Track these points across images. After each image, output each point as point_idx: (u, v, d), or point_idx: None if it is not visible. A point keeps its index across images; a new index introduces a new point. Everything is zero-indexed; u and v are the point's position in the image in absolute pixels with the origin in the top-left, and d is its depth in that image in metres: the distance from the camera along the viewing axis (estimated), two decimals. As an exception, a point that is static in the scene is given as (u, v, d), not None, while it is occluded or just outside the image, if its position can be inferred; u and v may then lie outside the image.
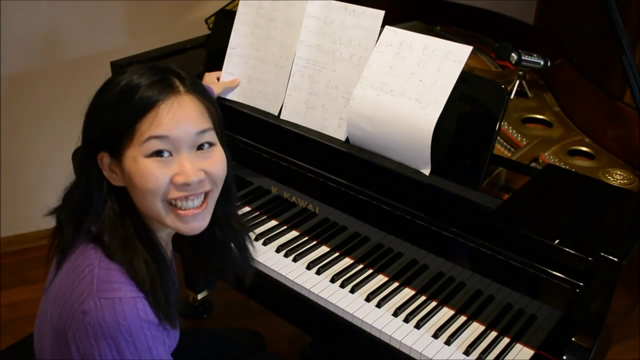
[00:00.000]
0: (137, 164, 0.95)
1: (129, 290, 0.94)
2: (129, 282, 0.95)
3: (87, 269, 0.96)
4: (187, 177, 0.96)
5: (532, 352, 1.21)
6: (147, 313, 0.94)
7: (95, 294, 0.92)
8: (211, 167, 0.99)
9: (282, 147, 1.50)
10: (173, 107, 0.95)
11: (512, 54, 1.62)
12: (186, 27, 2.42)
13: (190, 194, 0.98)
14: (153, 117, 0.93)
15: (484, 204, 1.23)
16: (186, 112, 0.96)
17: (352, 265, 1.43)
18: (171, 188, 0.96)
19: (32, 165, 2.60)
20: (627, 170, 1.46)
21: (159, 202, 0.97)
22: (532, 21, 2.92)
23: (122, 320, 0.91)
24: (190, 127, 0.96)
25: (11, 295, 2.40)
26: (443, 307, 1.31)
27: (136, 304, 0.93)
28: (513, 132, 1.58)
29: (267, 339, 1.65)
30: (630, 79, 1.39)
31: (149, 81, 0.95)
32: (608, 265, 1.07)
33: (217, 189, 1.03)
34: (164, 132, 0.94)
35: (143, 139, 0.93)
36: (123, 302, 0.92)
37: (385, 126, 1.35)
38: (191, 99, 0.97)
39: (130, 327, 0.92)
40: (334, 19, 1.47)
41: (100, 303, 0.92)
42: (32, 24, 2.35)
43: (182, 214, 0.99)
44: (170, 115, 0.94)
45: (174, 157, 0.96)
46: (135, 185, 0.96)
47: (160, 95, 0.94)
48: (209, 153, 1.00)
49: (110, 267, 0.95)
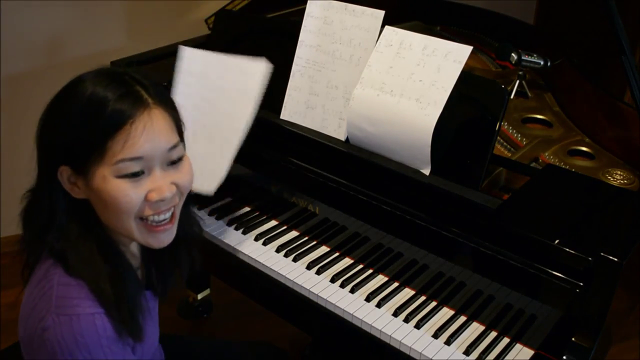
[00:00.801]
0: (108, 184, 0.91)
1: (88, 306, 0.93)
2: (89, 297, 0.93)
3: (47, 285, 0.95)
4: (162, 194, 0.94)
5: (532, 352, 1.21)
6: (105, 329, 0.93)
7: (54, 311, 0.92)
8: (182, 180, 0.98)
9: (282, 147, 1.50)
10: (146, 126, 0.91)
11: (512, 54, 1.62)
12: (186, 27, 2.42)
13: (162, 209, 0.96)
14: (125, 136, 0.90)
15: (484, 204, 1.23)
16: (159, 130, 0.93)
17: (352, 265, 1.43)
18: (145, 205, 0.94)
19: (32, 165, 2.60)
20: (627, 170, 1.46)
21: (132, 221, 0.95)
22: (532, 21, 2.92)
23: (80, 337, 0.91)
24: (162, 144, 0.94)
25: (11, 295, 2.39)
26: (443, 307, 1.31)
27: (94, 320, 0.92)
28: (513, 132, 1.58)
29: (267, 339, 1.65)
30: (630, 79, 1.39)
31: (116, 94, 0.91)
32: (608, 265, 1.07)
33: (183, 199, 1.02)
34: (139, 154, 0.91)
35: (115, 160, 0.90)
36: (81, 318, 0.92)
37: (385, 126, 1.35)
38: (160, 113, 0.94)
39: (88, 344, 0.91)
40: (334, 18, 1.47)
41: (58, 319, 0.91)
42: (32, 24, 2.35)
43: (153, 229, 0.97)
44: (144, 136, 0.91)
45: (147, 175, 0.94)
46: (106, 204, 0.94)
47: (132, 110, 0.91)
48: (179, 166, 0.98)
49: (70, 282, 0.94)
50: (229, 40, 1.70)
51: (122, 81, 0.94)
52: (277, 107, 1.55)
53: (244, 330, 2.31)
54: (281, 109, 1.54)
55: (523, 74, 1.73)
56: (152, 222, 0.97)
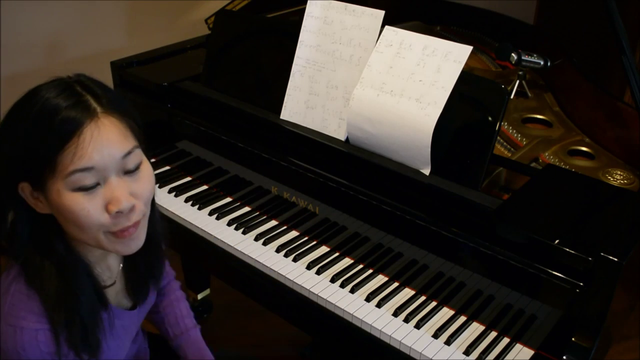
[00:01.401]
0: (63, 199, 0.89)
1: (34, 320, 0.92)
2: (37, 312, 0.93)
3: (4, 288, 0.95)
4: (119, 204, 0.91)
5: (532, 352, 1.21)
6: (49, 345, 0.92)
7: (3, 318, 0.92)
8: (141, 189, 0.95)
9: (282, 147, 1.50)
10: (94, 135, 0.88)
11: (512, 54, 1.62)
12: (186, 27, 2.43)
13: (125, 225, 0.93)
14: (74, 148, 0.87)
15: (484, 204, 1.23)
16: (108, 138, 0.89)
17: (352, 265, 1.43)
18: (107, 218, 0.91)
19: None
20: (627, 170, 1.46)
21: (100, 234, 0.93)
22: (532, 21, 2.92)
23: (21, 350, 0.91)
24: (114, 152, 0.90)
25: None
26: (443, 307, 1.31)
27: (37, 335, 0.92)
28: (513, 132, 1.58)
29: (267, 339, 1.65)
30: (630, 79, 1.39)
31: (64, 104, 0.88)
32: (608, 265, 1.07)
33: (148, 209, 0.99)
34: (89, 164, 0.88)
35: (66, 173, 0.88)
36: (24, 332, 0.91)
37: (385, 126, 1.35)
38: (111, 121, 0.91)
39: (29, 358, 0.91)
40: (334, 19, 1.47)
41: (4, 328, 0.92)
42: (33, 24, 2.35)
43: (119, 234, 0.94)
44: (92, 145, 0.88)
45: (102, 186, 0.91)
46: (66, 219, 0.91)
47: (79, 120, 0.88)
48: (137, 175, 0.95)
49: (24, 292, 0.94)
50: (229, 40, 1.70)
51: (73, 91, 0.91)
52: (277, 107, 1.55)
53: (244, 330, 2.31)
54: (281, 109, 1.54)
55: (523, 74, 1.73)
56: (117, 227, 0.94)
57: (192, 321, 1.35)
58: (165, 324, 1.34)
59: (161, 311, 1.34)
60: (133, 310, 1.14)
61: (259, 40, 1.65)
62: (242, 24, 1.69)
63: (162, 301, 1.35)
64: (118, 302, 1.11)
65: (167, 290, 1.36)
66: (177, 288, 1.38)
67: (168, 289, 1.36)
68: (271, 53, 1.61)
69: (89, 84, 0.93)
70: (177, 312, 1.34)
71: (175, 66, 1.91)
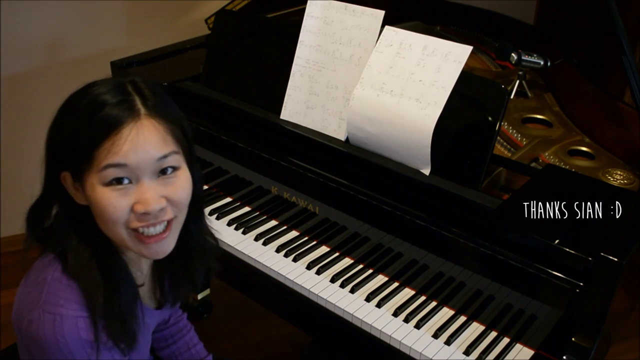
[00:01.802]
0: (96, 192, 0.90)
1: (73, 308, 0.92)
2: (77, 300, 0.93)
3: (41, 277, 0.95)
4: (147, 206, 0.91)
5: (532, 352, 1.21)
6: (88, 333, 0.93)
7: (41, 306, 0.92)
8: (174, 194, 0.94)
9: (282, 147, 1.50)
10: (132, 134, 0.89)
11: (512, 54, 1.62)
12: (186, 27, 2.43)
13: (151, 223, 0.93)
14: (111, 144, 0.89)
15: (484, 204, 1.23)
16: (145, 139, 0.90)
17: (352, 265, 1.43)
18: (132, 217, 0.92)
19: (32, 166, 2.60)
20: (627, 170, 1.46)
21: (122, 230, 0.93)
22: (532, 21, 2.92)
23: (61, 338, 0.91)
24: (150, 153, 0.91)
25: (11, 295, 2.39)
26: (443, 307, 1.31)
27: (77, 323, 0.92)
28: (513, 132, 1.58)
29: (267, 339, 1.65)
30: (630, 79, 1.39)
31: (111, 101, 0.90)
32: (608, 265, 1.07)
33: (182, 214, 0.98)
34: (122, 161, 0.89)
35: (101, 167, 0.89)
36: (64, 319, 0.91)
37: (385, 126, 1.35)
38: (152, 123, 0.91)
39: (69, 346, 0.91)
40: (334, 19, 1.47)
41: (43, 316, 0.92)
42: (33, 24, 2.35)
43: (145, 240, 0.94)
44: (128, 143, 0.89)
45: (134, 185, 0.91)
46: (96, 213, 0.93)
47: (120, 119, 0.89)
48: (172, 178, 0.94)
49: (63, 281, 0.94)
50: (229, 40, 1.70)
51: (122, 90, 0.93)
52: (277, 107, 1.55)
53: (244, 330, 2.31)
54: (281, 109, 1.54)
55: (523, 74, 1.73)
56: (144, 233, 0.95)
57: (204, 350, 1.38)
58: (176, 354, 1.36)
59: (170, 343, 1.36)
60: (158, 309, 1.16)
61: (259, 40, 1.65)
62: (242, 24, 1.69)
63: (171, 331, 1.37)
64: (145, 303, 1.12)
65: (175, 319, 1.38)
66: (185, 318, 1.41)
67: (176, 318, 1.38)
68: (271, 53, 1.61)
69: (141, 86, 0.95)
70: (188, 339, 1.37)
71: (175, 66, 1.91)
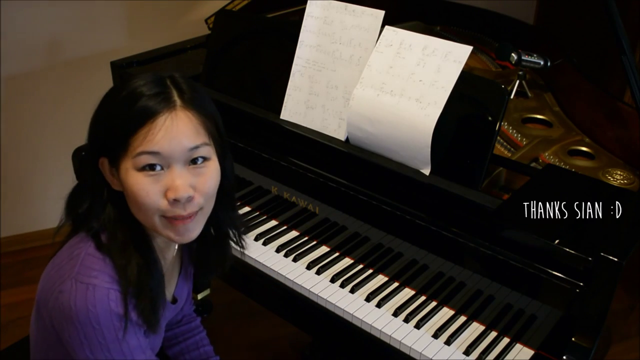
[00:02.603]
0: (129, 177, 0.95)
1: (106, 280, 0.96)
2: (110, 274, 0.97)
3: (76, 251, 0.99)
4: (177, 193, 0.95)
5: (532, 352, 1.21)
6: (118, 305, 0.95)
7: (74, 276, 0.95)
8: (202, 185, 0.99)
9: (282, 147, 1.50)
10: (166, 123, 0.94)
11: (512, 54, 1.62)
12: (186, 27, 2.43)
13: (179, 213, 0.97)
14: (146, 132, 0.93)
15: (484, 204, 1.23)
16: (178, 129, 0.95)
17: (352, 265, 1.43)
18: (164, 203, 0.96)
19: (32, 166, 2.60)
20: (627, 170, 1.46)
21: (155, 216, 0.98)
22: (532, 21, 2.92)
23: (92, 307, 0.93)
24: (183, 143, 0.95)
25: (11, 295, 2.40)
26: (443, 307, 1.31)
27: (109, 294, 0.95)
28: (513, 132, 1.58)
29: (267, 338, 1.65)
30: (630, 79, 1.39)
31: (148, 92, 0.95)
32: (608, 265, 1.07)
33: (208, 205, 1.02)
34: (156, 149, 0.93)
35: (135, 153, 0.94)
36: (96, 289, 0.94)
37: (385, 126, 1.35)
38: (187, 115, 0.96)
39: (98, 316, 0.94)
40: (334, 18, 1.47)
41: (75, 286, 0.94)
42: (33, 24, 2.35)
43: (173, 222, 0.98)
44: (162, 132, 0.93)
45: (166, 172, 0.96)
46: (129, 198, 0.97)
47: (156, 108, 0.94)
48: (202, 169, 0.99)
49: (97, 256, 0.98)
50: (228, 40, 1.70)
51: (161, 83, 0.98)
52: (277, 107, 1.55)
53: (244, 330, 2.31)
54: (281, 109, 1.54)
55: (523, 74, 1.73)
56: (173, 215, 0.98)
57: (212, 352, 1.39)
58: (185, 352, 1.38)
59: (180, 341, 1.38)
60: (172, 304, 1.19)
61: (259, 40, 1.65)
62: (242, 24, 1.69)
63: (182, 329, 1.39)
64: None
65: (188, 319, 1.41)
66: (198, 320, 1.43)
67: (189, 319, 1.41)
68: (271, 53, 1.61)
69: (179, 81, 0.99)
70: (198, 339, 1.39)
71: (175, 66, 1.91)
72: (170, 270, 1.17)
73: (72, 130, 1.05)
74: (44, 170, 2.60)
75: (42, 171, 2.60)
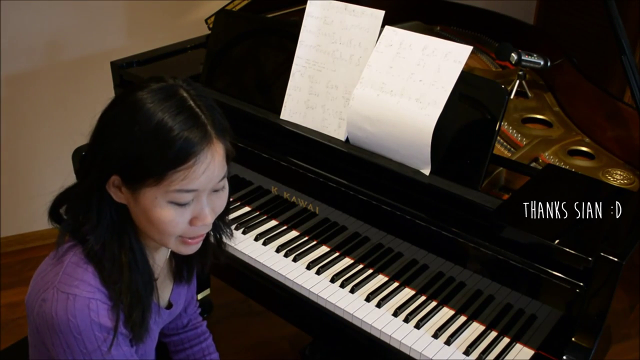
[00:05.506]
0: (157, 207, 0.94)
1: (87, 290, 0.95)
2: (93, 284, 0.96)
3: (62, 257, 0.99)
4: (205, 220, 0.98)
5: (532, 352, 1.21)
6: (99, 315, 0.95)
7: (56, 285, 0.95)
8: (220, 205, 1.02)
9: (282, 147, 1.50)
10: (208, 163, 0.94)
11: (512, 54, 1.62)
12: (186, 27, 2.42)
13: (201, 234, 1.01)
14: (188, 171, 0.92)
15: (484, 204, 1.23)
16: (215, 165, 0.95)
17: (352, 265, 1.43)
18: (188, 228, 0.98)
19: (32, 165, 2.60)
20: (627, 170, 1.46)
21: (172, 238, 0.99)
22: (532, 21, 2.92)
23: (72, 318, 0.93)
24: (216, 177, 0.97)
25: (11, 295, 2.40)
26: (443, 307, 1.31)
27: (89, 304, 0.94)
28: (513, 132, 1.58)
29: (267, 338, 1.65)
30: (630, 79, 1.39)
31: (184, 127, 0.91)
32: (608, 265, 1.07)
33: None
34: (195, 186, 0.94)
35: (172, 189, 0.92)
36: (77, 299, 0.94)
37: (385, 126, 1.35)
38: (220, 147, 0.96)
39: (79, 326, 0.93)
40: (334, 18, 1.47)
41: (56, 295, 0.94)
42: (32, 24, 2.35)
43: (189, 242, 1.01)
44: (203, 170, 0.93)
45: (193, 201, 0.97)
46: (150, 222, 0.96)
47: (198, 146, 0.92)
48: (220, 192, 1.01)
49: (80, 264, 0.97)
50: (229, 40, 1.70)
51: (190, 112, 0.93)
52: (277, 107, 1.55)
53: (244, 330, 2.31)
54: (281, 109, 1.54)
55: (523, 74, 1.73)
56: (190, 236, 1.01)
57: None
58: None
59: (187, 347, 1.38)
60: (167, 310, 1.19)
61: (259, 40, 1.65)
62: (242, 24, 1.69)
63: (189, 335, 1.39)
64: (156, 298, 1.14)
65: (194, 324, 1.40)
66: (204, 325, 1.43)
67: (195, 324, 1.40)
68: (271, 53, 1.61)
69: (198, 102, 0.95)
70: (204, 347, 1.39)
71: (175, 66, 1.91)
72: (164, 275, 1.16)
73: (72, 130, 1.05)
74: (44, 170, 2.60)
75: (42, 171, 2.60)
